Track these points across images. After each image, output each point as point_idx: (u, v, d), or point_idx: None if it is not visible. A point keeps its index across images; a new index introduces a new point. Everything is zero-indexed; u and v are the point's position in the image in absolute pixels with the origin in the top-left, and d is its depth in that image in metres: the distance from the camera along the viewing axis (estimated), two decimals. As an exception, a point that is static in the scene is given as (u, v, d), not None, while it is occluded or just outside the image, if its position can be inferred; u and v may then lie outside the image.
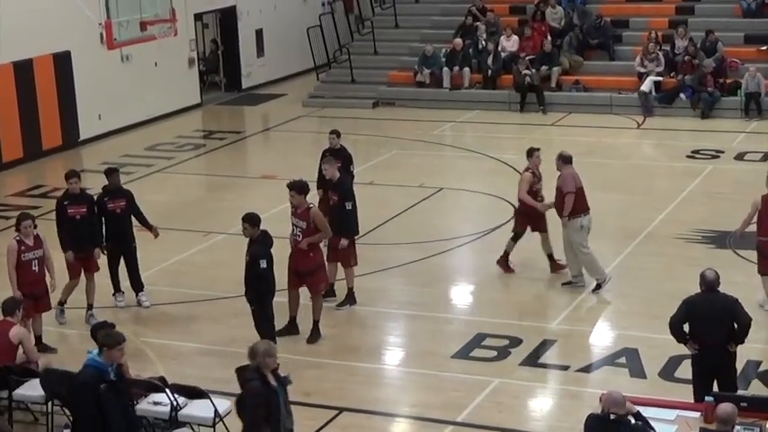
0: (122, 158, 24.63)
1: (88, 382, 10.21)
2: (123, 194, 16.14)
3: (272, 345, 10.16)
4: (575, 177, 16.00)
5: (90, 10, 26.52)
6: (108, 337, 10.37)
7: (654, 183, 21.99)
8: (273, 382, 9.94)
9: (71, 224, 15.48)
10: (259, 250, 13.62)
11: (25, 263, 14.26)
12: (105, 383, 10.18)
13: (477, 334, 14.89)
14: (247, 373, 9.97)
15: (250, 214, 13.84)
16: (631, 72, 28.22)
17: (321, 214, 14.84)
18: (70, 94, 26.18)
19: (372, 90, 30.22)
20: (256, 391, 9.82)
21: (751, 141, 24.74)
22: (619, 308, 15.92)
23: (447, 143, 26.12)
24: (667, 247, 17.88)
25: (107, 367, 10.27)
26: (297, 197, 14.69)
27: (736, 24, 29.33)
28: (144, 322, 15.87)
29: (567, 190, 15.85)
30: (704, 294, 11.72)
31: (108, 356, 10.27)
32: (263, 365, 9.89)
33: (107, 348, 10.26)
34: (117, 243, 15.98)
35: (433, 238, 18.82)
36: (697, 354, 11.71)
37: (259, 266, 13.55)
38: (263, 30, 33.17)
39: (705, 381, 11.60)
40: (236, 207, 19.32)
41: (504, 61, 29.34)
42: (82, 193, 15.89)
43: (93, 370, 10.25)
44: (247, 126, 29.58)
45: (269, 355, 9.92)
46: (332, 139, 18.27)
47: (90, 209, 15.66)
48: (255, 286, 13.70)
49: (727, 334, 11.53)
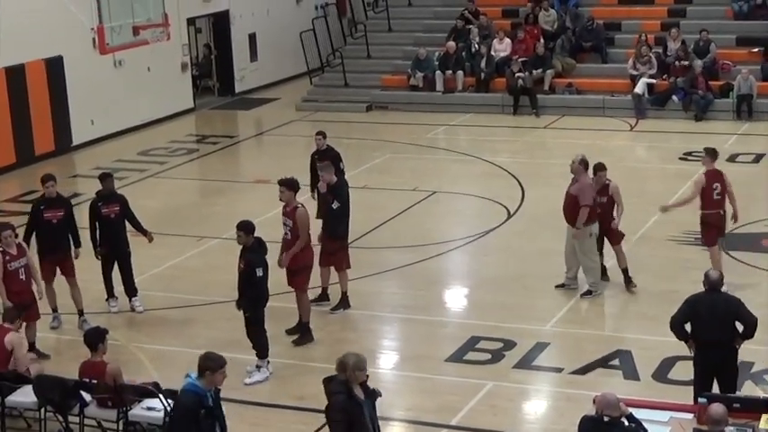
0: (115, 163, 24.61)
1: (189, 408, 9.66)
2: (117, 199, 16.11)
3: (362, 357, 9.75)
4: (593, 188, 15.90)
5: (82, 15, 26.51)
6: (210, 361, 9.76)
7: (647, 185, 22.00)
8: (360, 395, 9.66)
9: (47, 228, 15.42)
10: (255, 258, 13.58)
11: (12, 272, 14.20)
12: (204, 409, 9.70)
13: (471, 337, 14.89)
14: (333, 385, 9.68)
15: (245, 222, 13.80)
16: (624, 75, 28.26)
17: (305, 217, 14.68)
18: (63, 100, 26.15)
19: (366, 94, 30.23)
20: (341, 405, 9.55)
21: (743, 143, 24.79)
22: (612, 310, 15.94)
23: (440, 146, 26.14)
24: (660, 249, 17.91)
25: (206, 392, 9.73)
26: (286, 193, 14.68)
27: (728, 27, 29.38)
28: (137, 327, 15.85)
29: (585, 202, 15.74)
30: (707, 294, 11.75)
31: (210, 381, 9.73)
32: (352, 379, 9.60)
33: (210, 372, 9.70)
34: (111, 248, 15.97)
35: (426, 241, 18.83)
36: (698, 354, 11.72)
37: (255, 275, 13.52)
38: (257, 34, 33.17)
39: (706, 381, 11.63)
40: (229, 212, 19.40)
41: (497, 64, 29.36)
42: (58, 197, 15.81)
43: (192, 396, 9.69)
44: (240, 130, 29.57)
45: (358, 369, 9.60)
46: (318, 141, 18.32)
47: (67, 212, 15.63)
48: (250, 293, 13.67)
49: (729, 334, 11.55)
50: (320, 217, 16.29)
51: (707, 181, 15.92)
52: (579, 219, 15.77)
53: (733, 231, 18.46)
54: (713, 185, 15.89)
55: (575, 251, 16.07)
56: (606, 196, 16.02)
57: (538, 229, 19.17)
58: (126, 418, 11.93)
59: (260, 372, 13.83)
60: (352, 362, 9.59)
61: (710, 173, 16.02)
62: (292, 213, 14.65)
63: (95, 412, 12.12)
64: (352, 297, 16.04)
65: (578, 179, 15.90)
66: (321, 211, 16.31)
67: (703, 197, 15.99)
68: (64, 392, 12.08)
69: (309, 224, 14.78)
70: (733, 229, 18.50)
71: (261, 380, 13.77)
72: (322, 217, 16.14)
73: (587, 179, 15.90)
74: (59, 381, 12.23)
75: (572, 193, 15.91)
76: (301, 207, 14.74)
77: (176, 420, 9.96)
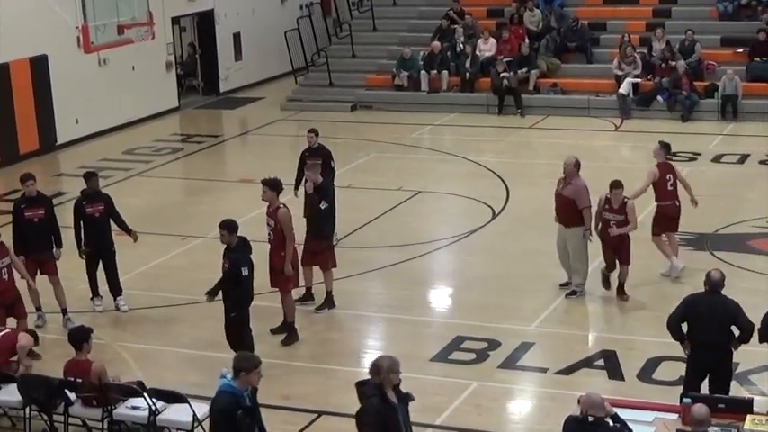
0: (100, 162, 24.54)
1: (227, 409, 9.64)
2: (102, 199, 16.07)
3: (396, 360, 9.60)
4: (587, 189, 15.86)
5: (67, 14, 26.42)
6: (245, 361, 9.78)
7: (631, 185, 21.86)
8: (394, 399, 9.48)
9: (29, 227, 15.36)
10: (240, 258, 13.54)
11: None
12: (241, 409, 9.69)
13: (455, 337, 14.90)
14: (367, 388, 9.52)
15: (228, 221, 13.75)
16: (609, 75, 28.31)
17: (287, 217, 14.61)
18: (47, 99, 26.07)
19: (350, 93, 30.22)
20: (374, 409, 9.39)
21: (728, 144, 24.86)
22: (597, 310, 15.96)
23: (425, 146, 26.14)
24: (645, 250, 17.89)
25: (242, 392, 9.73)
26: (268, 193, 14.61)
27: (713, 27, 29.46)
28: (122, 326, 15.82)
29: (585, 205, 15.73)
30: (706, 295, 11.77)
31: (245, 381, 9.73)
32: (386, 382, 9.42)
33: (244, 373, 9.69)
34: (95, 247, 15.93)
35: (411, 241, 18.83)
36: (693, 354, 11.76)
37: (241, 274, 13.48)
38: (241, 33, 33.13)
39: (696, 381, 11.67)
40: (214, 211, 19.37)
41: (482, 64, 29.38)
42: (39, 196, 15.75)
43: (229, 396, 9.68)
44: (225, 130, 29.52)
45: (392, 371, 9.44)
46: (310, 138, 18.32)
47: (48, 211, 15.58)
48: (236, 293, 13.62)
49: (725, 337, 11.57)
50: (306, 216, 16.25)
51: (660, 173, 16.48)
52: (586, 222, 15.76)
53: (718, 232, 18.57)
54: (666, 177, 16.46)
55: (566, 252, 16.07)
56: (624, 214, 15.65)
57: (523, 228, 19.19)
58: (110, 417, 11.91)
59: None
60: (386, 364, 9.44)
61: (662, 165, 16.60)
62: (274, 213, 14.61)
63: (80, 411, 12.09)
64: (337, 296, 16.04)
65: (571, 181, 15.84)
66: (307, 211, 16.28)
67: (658, 189, 16.59)
68: (49, 391, 12.05)
69: (292, 224, 14.74)
70: (718, 229, 18.63)
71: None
72: (308, 217, 16.11)
73: (581, 181, 15.89)
74: (44, 379, 12.21)
75: (567, 195, 15.82)
76: (283, 207, 14.65)
77: (215, 422, 9.86)
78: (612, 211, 15.66)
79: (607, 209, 15.71)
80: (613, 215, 15.64)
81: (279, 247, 14.65)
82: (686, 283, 15.81)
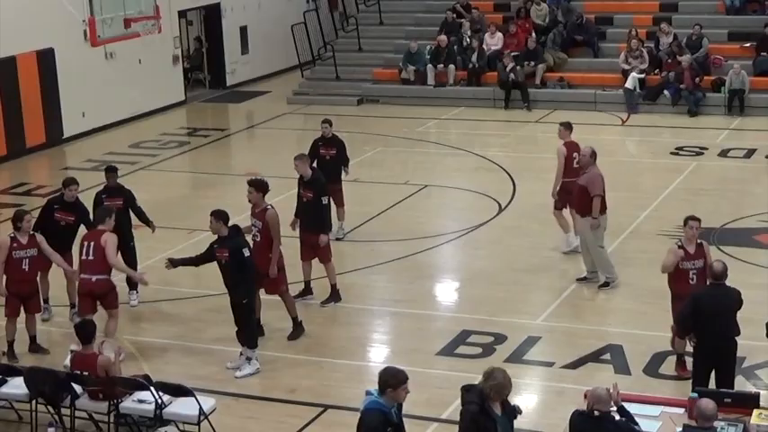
0: (106, 156, 24.55)
1: (377, 427, 9.23)
2: (122, 194, 16.06)
3: (508, 378, 9.22)
4: (603, 179, 15.92)
5: (73, 7, 26.44)
6: (392, 377, 9.31)
7: (638, 180, 22.04)
8: (497, 410, 9.18)
9: (54, 228, 15.29)
10: (238, 241, 13.53)
11: (15, 260, 14.14)
12: (391, 427, 9.30)
13: (462, 331, 14.90)
14: (470, 394, 9.33)
15: (218, 209, 13.79)
16: (616, 69, 28.27)
17: (275, 219, 14.43)
18: (54, 92, 26.09)
19: (357, 87, 30.21)
20: (470, 416, 9.20)
21: (735, 138, 24.83)
22: (603, 304, 15.96)
23: (432, 140, 26.13)
24: (652, 244, 17.90)
25: (390, 408, 9.28)
26: (254, 194, 14.49)
27: (720, 21, 29.39)
28: (128, 319, 15.80)
29: (596, 192, 15.78)
30: (710, 288, 11.82)
31: (392, 397, 9.27)
32: (493, 392, 9.12)
33: (392, 389, 9.24)
34: None
35: (417, 234, 18.83)
36: (699, 347, 11.78)
37: (243, 255, 13.43)
38: (248, 27, 33.13)
39: (705, 374, 11.70)
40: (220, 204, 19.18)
41: (489, 58, 29.37)
42: (76, 202, 15.58)
43: (378, 414, 9.24)
44: (232, 123, 29.53)
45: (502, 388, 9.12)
46: (324, 128, 18.35)
47: (77, 220, 15.50)
48: (242, 278, 13.53)
49: (730, 327, 11.61)
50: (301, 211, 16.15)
51: (567, 151, 17.13)
52: (594, 209, 15.80)
53: (724, 227, 18.55)
54: (572, 155, 16.99)
55: (586, 244, 16.11)
56: (703, 257, 13.20)
57: (529, 223, 19.17)
58: (117, 411, 11.94)
59: (250, 365, 13.80)
60: (499, 379, 9.12)
61: (569, 144, 17.27)
62: (261, 215, 14.45)
63: (87, 404, 12.11)
64: (343, 290, 16.04)
65: (587, 171, 15.94)
66: (301, 206, 16.16)
67: (564, 167, 17.14)
68: (55, 385, 12.07)
69: (279, 225, 14.64)
70: (724, 224, 18.61)
71: (252, 372, 13.75)
72: (304, 211, 16.02)
73: (596, 170, 15.94)
74: (51, 373, 12.23)
75: (581, 183, 15.95)
76: (271, 209, 14.49)
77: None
78: (690, 258, 13.14)
79: (684, 256, 13.19)
80: (692, 263, 13.13)
81: (265, 249, 14.40)
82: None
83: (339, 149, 18.21)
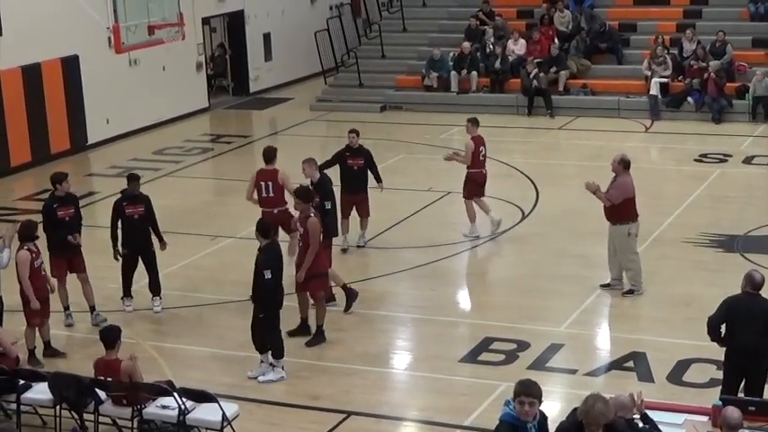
0: (130, 162, 24.65)
1: None
2: (142, 200, 16.11)
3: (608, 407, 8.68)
4: (626, 188, 15.84)
5: (98, 14, 26.56)
6: (516, 386, 8.93)
7: (662, 186, 21.97)
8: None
9: (60, 226, 15.45)
10: (264, 261, 13.59)
11: (37, 270, 14.32)
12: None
13: (484, 338, 14.88)
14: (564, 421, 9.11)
15: (260, 222, 13.85)
16: (639, 76, 28.21)
17: (315, 227, 14.54)
18: (78, 98, 26.21)
19: (380, 94, 30.24)
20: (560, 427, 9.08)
21: (759, 145, 24.72)
22: (626, 311, 15.91)
23: (454, 147, 26.00)
24: (675, 251, 17.87)
25: (525, 422, 8.83)
26: (300, 204, 14.67)
27: (744, 28, 29.30)
28: (151, 326, 15.88)
29: (613, 200, 15.77)
30: (745, 296, 11.71)
31: (517, 409, 8.84)
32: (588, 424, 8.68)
33: (513, 399, 8.89)
34: (134, 248, 15.97)
35: (440, 241, 18.82)
36: (731, 356, 11.72)
37: (263, 277, 13.54)
38: (271, 33, 33.20)
39: (735, 383, 11.64)
40: (243, 211, 19.35)
41: (512, 65, 29.35)
42: (68, 195, 15.81)
43: (507, 426, 8.92)
44: (255, 130, 29.60)
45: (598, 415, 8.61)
46: (352, 138, 18.41)
47: (77, 210, 15.70)
48: (261, 295, 13.68)
49: (763, 338, 11.52)
50: None
51: (475, 145, 18.63)
52: (599, 192, 15.83)
53: (748, 234, 18.47)
54: (479, 148, 18.65)
55: (614, 251, 16.08)
56: None
57: (552, 230, 19.15)
58: (140, 416, 11.97)
59: (274, 371, 13.83)
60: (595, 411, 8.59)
61: (476, 138, 18.76)
62: (304, 222, 14.58)
63: (110, 410, 12.16)
64: (365, 297, 16.06)
65: (617, 178, 15.94)
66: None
67: (471, 158, 18.66)
68: (79, 390, 12.11)
69: (320, 234, 14.71)
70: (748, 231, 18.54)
71: (275, 379, 13.78)
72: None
73: (626, 178, 15.90)
74: (75, 378, 12.27)
75: (609, 189, 15.95)
76: (313, 217, 14.63)
77: None
78: None
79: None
80: None
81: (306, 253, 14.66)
82: (714, 284, 15.70)
83: (367, 159, 18.29)
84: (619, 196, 15.77)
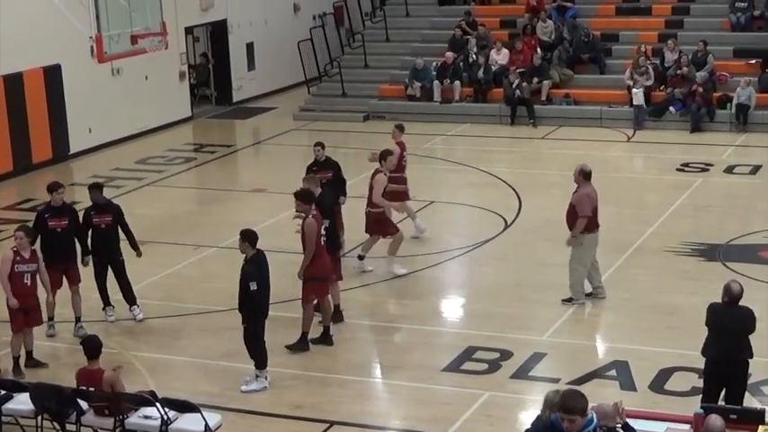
0: (113, 172, 24.62)
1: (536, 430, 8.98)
2: (111, 210, 16.07)
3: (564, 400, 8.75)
4: (591, 199, 15.83)
5: (80, 23, 26.51)
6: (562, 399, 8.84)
7: (644, 196, 22.06)
8: None
9: (52, 236, 15.42)
10: (251, 272, 13.58)
11: (17, 274, 14.22)
12: None
13: (467, 347, 14.89)
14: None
15: (245, 230, 13.81)
16: (621, 85, 28.28)
17: (310, 228, 14.59)
18: (60, 108, 26.15)
19: (363, 103, 30.26)
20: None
21: (740, 154, 24.82)
22: (609, 320, 15.95)
23: (438, 156, 26.14)
24: (657, 260, 17.92)
25: None
26: (301, 205, 14.73)
27: (726, 38, 29.42)
28: (134, 335, 15.84)
29: (583, 213, 15.73)
30: (724, 306, 11.75)
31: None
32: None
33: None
34: (102, 257, 15.93)
35: (423, 251, 18.83)
36: (709, 365, 11.76)
37: (248, 288, 13.52)
38: (254, 43, 33.21)
39: (714, 392, 11.67)
40: (226, 220, 19.43)
41: (495, 74, 29.41)
42: (64, 206, 15.81)
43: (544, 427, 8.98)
44: (238, 139, 29.57)
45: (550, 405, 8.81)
46: (317, 152, 18.27)
47: (72, 221, 15.63)
48: (247, 306, 13.66)
49: (742, 348, 11.59)
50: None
51: (401, 151, 19.16)
52: (576, 227, 15.78)
53: (730, 243, 18.55)
54: (403, 153, 19.23)
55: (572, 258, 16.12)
56: None
57: (535, 239, 19.18)
58: (123, 427, 11.93)
59: (257, 381, 13.81)
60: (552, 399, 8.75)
61: (400, 144, 19.32)
62: (303, 223, 14.69)
63: (92, 420, 12.11)
64: (349, 307, 16.03)
65: (578, 189, 15.93)
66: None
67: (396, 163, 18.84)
68: (61, 400, 12.06)
69: (316, 235, 14.69)
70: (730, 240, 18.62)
71: (257, 389, 13.75)
72: None
73: (587, 189, 15.91)
74: (56, 389, 12.22)
75: (572, 201, 15.95)
76: (310, 218, 14.61)
77: None
78: None
79: None
80: None
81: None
82: (696, 293, 15.76)
83: (335, 172, 18.11)
84: (587, 206, 15.79)
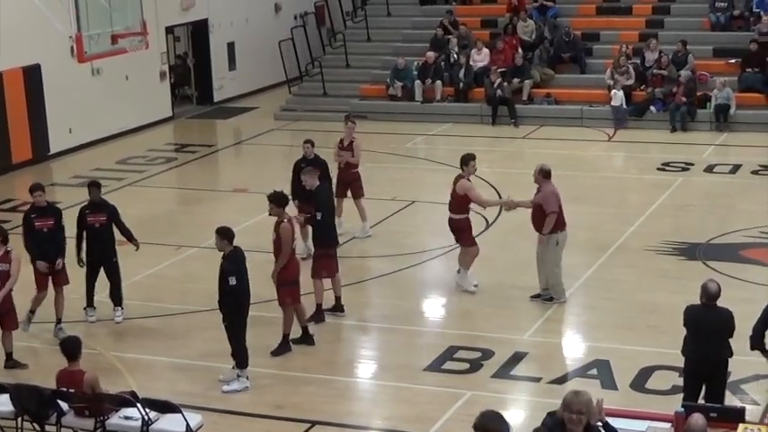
0: (93, 172, 24.50)
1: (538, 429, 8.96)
2: (105, 209, 16.03)
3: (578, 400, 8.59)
4: (557, 196, 15.94)
5: (60, 23, 26.42)
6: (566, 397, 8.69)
7: (624, 195, 22.10)
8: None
9: (38, 237, 15.37)
10: (229, 267, 13.55)
11: None
12: None
13: (449, 347, 14.89)
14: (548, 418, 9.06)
15: (222, 227, 13.76)
16: (602, 85, 28.35)
17: (286, 232, 14.45)
18: (40, 108, 26.05)
19: (344, 103, 30.22)
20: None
21: (720, 154, 24.92)
22: (590, 320, 15.98)
23: (419, 156, 26.15)
24: (638, 259, 17.96)
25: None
26: (274, 209, 14.61)
27: (705, 38, 29.52)
28: (115, 336, 15.79)
29: (551, 210, 15.82)
30: (701, 307, 11.76)
31: None
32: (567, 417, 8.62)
33: None
34: (96, 257, 15.88)
35: (405, 250, 18.84)
36: (688, 364, 11.78)
37: (228, 283, 13.50)
38: (235, 43, 33.17)
39: (694, 391, 11.70)
40: (207, 220, 19.35)
41: (476, 74, 29.43)
42: (49, 206, 15.77)
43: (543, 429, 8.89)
44: (219, 139, 29.53)
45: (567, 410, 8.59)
46: (306, 149, 18.28)
47: (57, 221, 15.57)
48: (227, 302, 13.64)
49: (720, 348, 11.61)
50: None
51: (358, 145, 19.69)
52: (546, 225, 15.84)
53: (710, 242, 18.60)
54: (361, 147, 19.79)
55: (543, 261, 16.14)
56: None
57: (516, 238, 19.18)
58: (103, 428, 11.88)
59: (239, 381, 13.79)
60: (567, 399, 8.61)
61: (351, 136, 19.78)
62: (277, 227, 14.59)
63: (72, 421, 12.06)
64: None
65: (541, 188, 15.98)
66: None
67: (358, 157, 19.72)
68: (41, 402, 12.01)
69: (292, 240, 14.65)
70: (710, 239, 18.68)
71: (239, 389, 13.72)
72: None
73: (550, 187, 15.97)
74: (36, 390, 12.17)
75: (536, 202, 16.02)
76: (285, 222, 14.54)
77: None
78: None
79: None
80: None
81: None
82: (677, 292, 15.80)
83: (324, 170, 18.05)
84: (554, 202, 15.83)
